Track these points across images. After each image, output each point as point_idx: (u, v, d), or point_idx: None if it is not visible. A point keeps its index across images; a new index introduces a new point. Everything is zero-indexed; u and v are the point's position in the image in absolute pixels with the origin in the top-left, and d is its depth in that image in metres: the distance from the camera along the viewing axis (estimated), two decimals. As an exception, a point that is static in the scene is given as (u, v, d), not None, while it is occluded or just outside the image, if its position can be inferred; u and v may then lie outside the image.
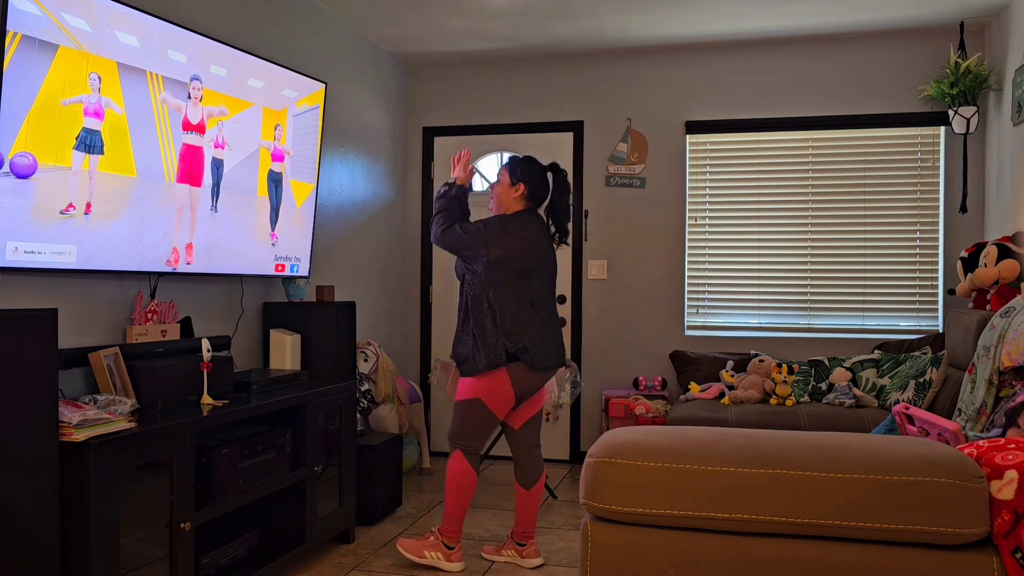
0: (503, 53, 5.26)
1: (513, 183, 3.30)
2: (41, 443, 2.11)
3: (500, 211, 3.35)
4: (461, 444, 3.27)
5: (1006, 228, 4.27)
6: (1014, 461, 1.55)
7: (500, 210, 3.35)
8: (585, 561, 1.70)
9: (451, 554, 3.27)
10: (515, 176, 3.30)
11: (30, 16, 2.41)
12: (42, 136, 2.48)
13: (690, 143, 5.13)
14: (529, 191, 3.30)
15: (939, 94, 4.56)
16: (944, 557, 1.54)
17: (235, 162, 3.34)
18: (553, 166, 3.38)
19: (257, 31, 3.81)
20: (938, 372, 3.90)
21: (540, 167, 3.34)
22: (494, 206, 3.37)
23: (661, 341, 5.14)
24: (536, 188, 3.31)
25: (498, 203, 3.35)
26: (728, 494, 1.60)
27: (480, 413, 3.22)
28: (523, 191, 3.29)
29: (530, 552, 3.36)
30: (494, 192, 3.37)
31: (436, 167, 5.52)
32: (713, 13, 4.48)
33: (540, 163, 3.35)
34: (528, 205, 3.32)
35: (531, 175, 3.30)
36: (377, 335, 5.07)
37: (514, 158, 3.35)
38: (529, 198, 3.31)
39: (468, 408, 3.23)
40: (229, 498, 2.81)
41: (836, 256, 4.92)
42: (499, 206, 3.35)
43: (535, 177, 3.31)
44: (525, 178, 3.29)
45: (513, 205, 3.32)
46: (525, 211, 3.30)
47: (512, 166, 3.32)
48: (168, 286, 3.22)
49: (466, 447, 3.27)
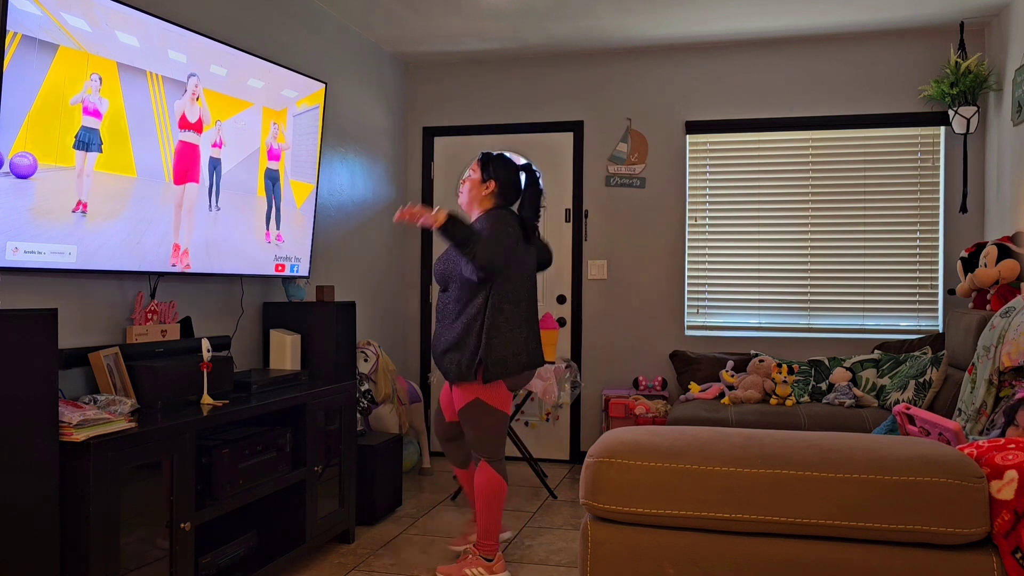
0: (503, 53, 5.26)
1: (484, 179, 3.23)
2: (41, 443, 2.11)
3: (470, 207, 3.27)
4: (484, 454, 3.18)
5: (1006, 228, 4.27)
6: (1014, 461, 1.55)
7: (469, 206, 3.27)
8: (585, 561, 1.70)
9: (492, 566, 3.17)
10: (487, 172, 3.23)
11: (30, 16, 2.41)
12: (42, 136, 2.48)
13: (690, 143, 5.13)
14: (499, 189, 3.22)
15: (939, 94, 4.56)
16: (944, 557, 1.54)
17: (235, 162, 3.34)
18: (526, 166, 3.30)
19: (257, 31, 3.81)
20: (938, 372, 3.90)
21: (514, 166, 3.26)
22: (464, 200, 3.28)
23: (661, 341, 5.14)
24: (506, 187, 3.22)
25: (468, 197, 3.27)
26: (728, 494, 1.60)
27: (493, 417, 3.14)
28: (493, 188, 3.22)
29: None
30: (464, 185, 3.29)
31: (436, 167, 5.52)
32: (713, 13, 4.48)
33: (514, 162, 3.27)
34: (497, 203, 3.23)
35: (503, 174, 3.22)
36: (377, 335, 5.07)
37: (487, 154, 3.28)
38: (499, 196, 3.22)
39: (481, 416, 3.13)
40: (229, 498, 2.81)
41: (836, 256, 4.92)
42: (469, 201, 3.27)
43: (507, 175, 3.23)
44: (496, 175, 3.22)
45: (483, 202, 3.24)
46: (502, 209, 3.20)
47: (484, 161, 3.25)
48: (168, 286, 3.22)
49: (490, 456, 3.18)
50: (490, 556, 3.18)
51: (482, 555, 3.18)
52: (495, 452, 3.18)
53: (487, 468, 3.17)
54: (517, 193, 3.27)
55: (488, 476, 3.16)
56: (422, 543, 3.64)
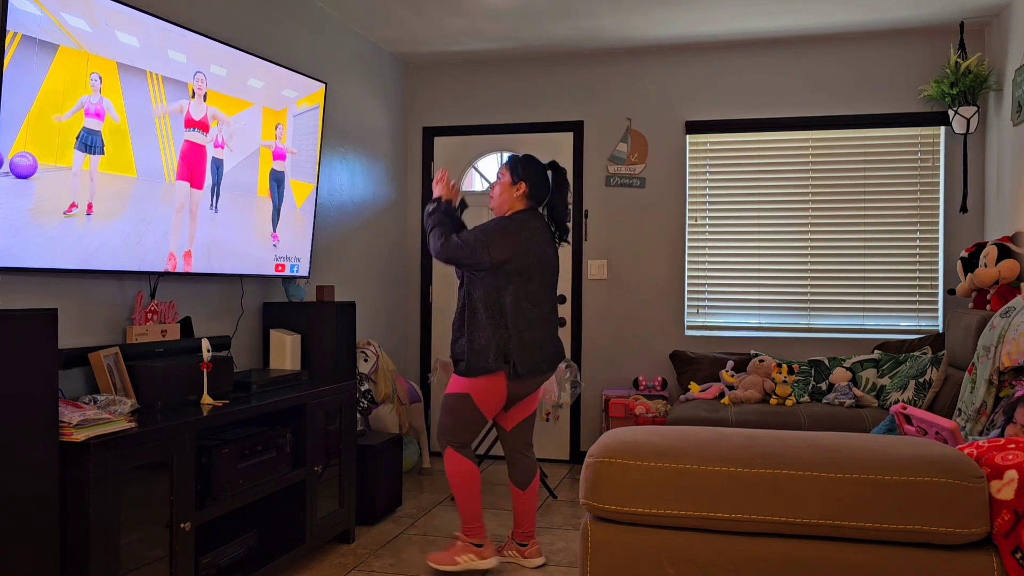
0: (503, 53, 5.26)
1: (514, 182, 3.27)
2: (41, 443, 2.11)
3: (500, 210, 3.32)
4: (450, 440, 3.23)
5: (1006, 228, 4.27)
6: (1014, 461, 1.55)
7: (500, 209, 3.32)
8: (585, 561, 1.70)
9: (482, 551, 3.23)
10: (516, 175, 3.27)
11: (30, 16, 2.41)
12: (42, 136, 2.48)
13: (690, 143, 5.13)
14: (530, 190, 3.27)
15: (939, 94, 4.56)
16: (944, 557, 1.54)
17: (235, 162, 3.34)
18: (552, 164, 3.36)
19: (257, 31, 3.81)
20: (938, 372, 3.90)
21: (540, 165, 3.32)
22: (495, 205, 3.34)
23: (661, 341, 5.14)
24: (537, 187, 3.28)
25: (499, 202, 3.32)
26: (728, 494, 1.60)
27: (468, 410, 3.19)
28: (524, 190, 3.27)
29: (532, 552, 3.35)
30: (494, 191, 3.34)
31: (436, 167, 5.52)
32: (713, 13, 4.48)
33: (540, 161, 3.33)
34: (529, 204, 3.29)
35: (531, 174, 3.28)
36: (377, 335, 5.07)
37: (514, 157, 3.33)
38: (530, 197, 3.28)
39: (457, 403, 3.20)
40: (229, 498, 2.81)
41: (836, 256, 4.92)
42: (500, 205, 3.32)
43: (535, 176, 3.28)
44: (526, 176, 3.27)
45: (514, 204, 3.29)
46: (525, 211, 3.27)
47: (512, 164, 3.30)
48: (168, 286, 3.22)
49: (455, 442, 3.23)
50: (479, 540, 3.24)
51: (471, 541, 3.23)
52: (460, 439, 3.23)
53: (454, 454, 3.22)
54: (547, 191, 3.33)
55: (458, 462, 3.21)
56: (422, 543, 3.64)
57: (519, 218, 3.23)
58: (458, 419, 3.21)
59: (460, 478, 3.22)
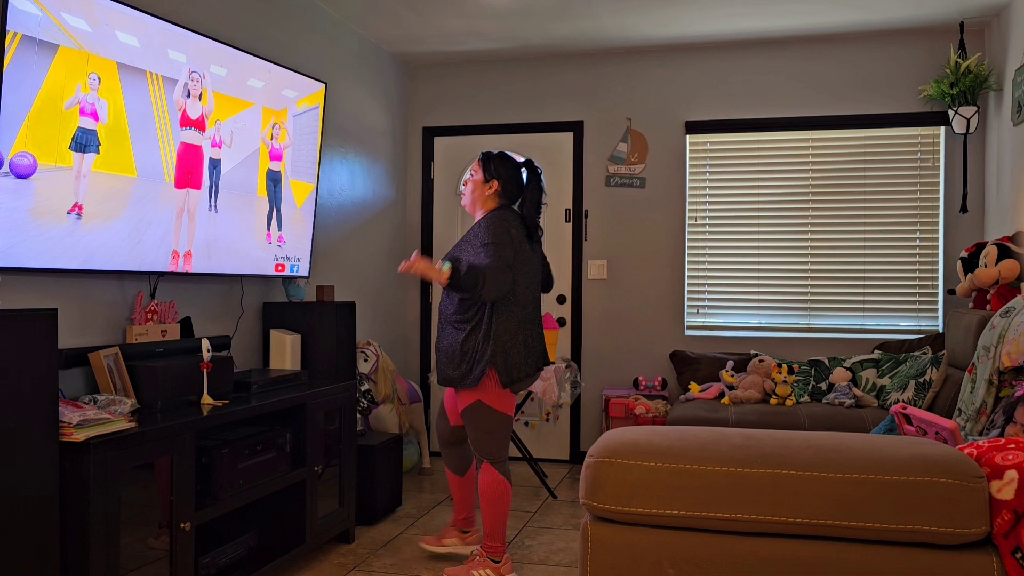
0: (503, 53, 5.26)
1: (487, 179, 3.21)
2: (41, 443, 2.11)
3: (472, 208, 3.26)
4: (486, 455, 3.16)
5: (1006, 228, 4.27)
6: (1014, 461, 1.55)
7: (472, 207, 3.26)
8: (585, 561, 1.70)
9: (500, 567, 3.16)
10: (488, 172, 3.21)
11: (30, 16, 2.41)
12: (42, 136, 2.48)
13: (690, 143, 5.13)
14: (502, 188, 3.20)
15: (939, 94, 4.56)
16: (944, 557, 1.54)
17: (235, 162, 3.34)
18: (527, 163, 3.28)
19: (257, 31, 3.81)
20: (938, 372, 3.90)
21: (514, 163, 3.25)
22: (467, 202, 3.27)
23: (661, 341, 5.14)
24: (509, 185, 3.21)
25: (471, 199, 3.26)
26: (728, 494, 1.60)
27: (495, 419, 3.13)
28: (496, 188, 3.20)
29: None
30: (467, 187, 3.28)
31: (436, 167, 5.52)
32: (713, 13, 4.48)
33: (514, 159, 3.26)
34: (500, 202, 3.23)
35: (504, 172, 3.21)
36: (377, 335, 5.07)
37: (487, 154, 3.26)
38: (502, 195, 3.21)
39: (483, 418, 3.12)
40: (229, 498, 2.81)
41: (836, 256, 4.92)
42: (472, 203, 3.26)
43: (508, 174, 3.22)
44: (498, 175, 3.20)
45: (486, 202, 3.23)
46: (503, 209, 3.19)
47: (485, 161, 3.23)
48: (168, 286, 3.22)
49: (491, 457, 3.17)
50: (497, 557, 3.17)
51: (490, 557, 3.17)
52: (496, 454, 3.17)
53: (490, 470, 3.16)
54: (520, 190, 3.26)
55: (491, 478, 3.15)
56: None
57: (505, 218, 3.13)
58: (492, 432, 3.13)
59: (495, 493, 3.15)
